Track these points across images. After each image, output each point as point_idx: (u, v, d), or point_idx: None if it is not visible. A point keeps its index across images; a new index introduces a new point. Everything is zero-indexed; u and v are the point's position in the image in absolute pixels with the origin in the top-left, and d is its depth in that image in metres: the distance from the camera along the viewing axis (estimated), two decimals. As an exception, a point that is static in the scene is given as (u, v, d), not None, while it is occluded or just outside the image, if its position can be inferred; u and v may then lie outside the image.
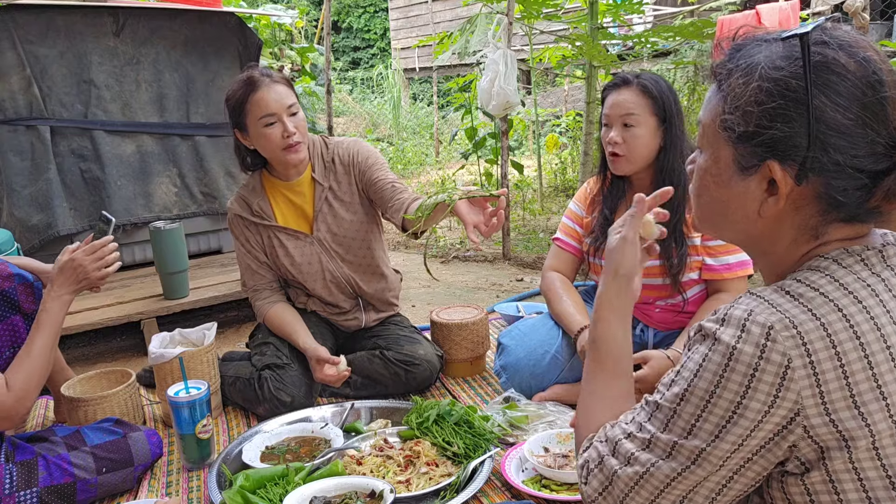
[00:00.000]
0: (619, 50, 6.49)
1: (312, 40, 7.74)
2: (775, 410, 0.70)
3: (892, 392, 0.69)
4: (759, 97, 0.75)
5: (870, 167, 0.73)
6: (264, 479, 1.64)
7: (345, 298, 2.28)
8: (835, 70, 0.72)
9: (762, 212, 0.79)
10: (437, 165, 8.14)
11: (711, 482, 0.75)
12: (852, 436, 0.69)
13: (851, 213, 0.76)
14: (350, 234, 2.20)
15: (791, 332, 0.70)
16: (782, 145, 0.74)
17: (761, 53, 0.76)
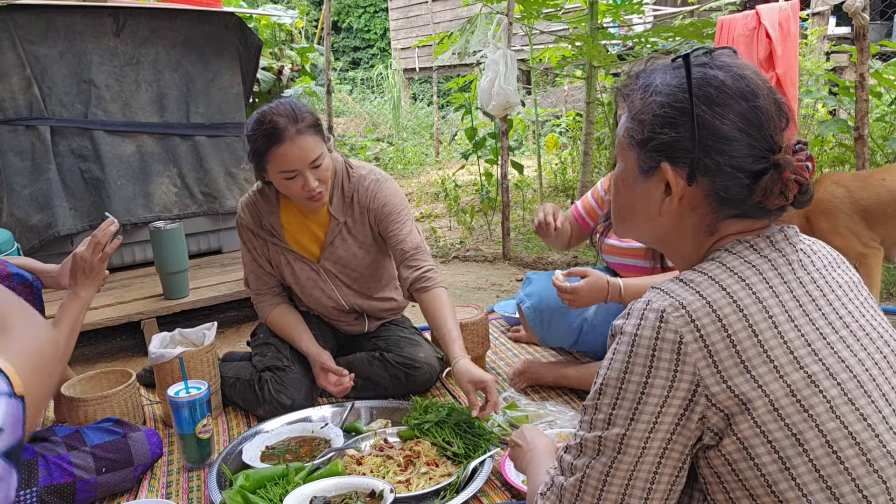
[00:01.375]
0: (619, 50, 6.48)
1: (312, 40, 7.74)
2: (678, 384, 0.78)
3: (778, 355, 0.77)
4: (653, 108, 0.87)
5: (749, 167, 0.84)
6: (264, 478, 1.64)
7: (349, 314, 2.27)
8: (713, 84, 0.84)
9: (662, 211, 0.90)
10: (437, 165, 8.14)
11: (642, 472, 0.81)
12: (749, 398, 0.77)
13: (740, 210, 0.86)
14: (360, 269, 2.16)
15: (680, 311, 0.79)
16: (672, 149, 0.86)
17: (657, 74, 0.90)
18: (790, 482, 0.76)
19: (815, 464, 0.76)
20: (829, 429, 0.76)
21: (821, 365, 0.78)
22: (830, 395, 0.77)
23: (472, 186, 6.34)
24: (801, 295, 0.83)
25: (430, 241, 4.89)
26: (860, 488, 0.75)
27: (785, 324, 0.80)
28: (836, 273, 0.90)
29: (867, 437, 0.77)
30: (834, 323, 0.83)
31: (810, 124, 4.46)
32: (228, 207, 3.50)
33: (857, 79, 2.97)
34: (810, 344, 0.79)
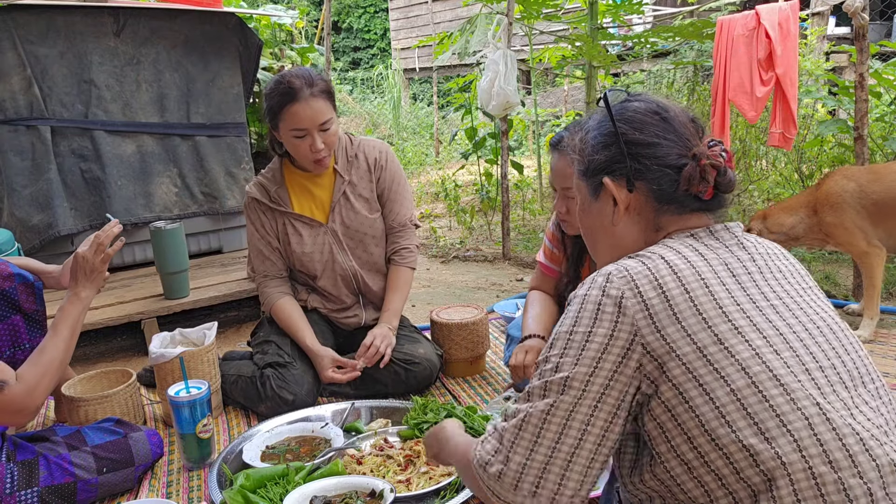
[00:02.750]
0: (619, 50, 6.49)
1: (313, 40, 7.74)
2: (618, 333, 0.90)
3: (707, 309, 0.89)
4: (588, 140, 1.08)
5: (674, 163, 1.01)
6: (265, 478, 1.64)
7: (347, 293, 2.30)
8: (631, 109, 1.05)
9: (614, 221, 1.06)
10: (437, 165, 8.15)
11: (580, 413, 0.90)
12: (679, 346, 0.88)
13: (677, 203, 1.02)
14: (363, 228, 2.24)
15: (623, 274, 0.93)
16: (609, 165, 1.05)
17: (589, 120, 1.11)
18: (720, 419, 0.85)
19: (743, 402, 0.85)
20: (754, 371, 0.86)
21: (747, 321, 0.89)
22: (756, 345, 0.87)
23: (472, 186, 6.34)
24: (737, 268, 0.95)
25: (430, 241, 4.90)
26: (784, 423, 0.83)
27: (716, 286, 0.92)
28: (779, 262, 1.01)
29: (790, 380, 0.86)
30: (766, 294, 0.94)
31: (810, 124, 4.46)
32: (229, 207, 3.51)
33: (856, 79, 2.97)
34: (739, 304, 0.90)
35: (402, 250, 2.29)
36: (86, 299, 1.70)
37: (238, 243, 3.65)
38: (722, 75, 3.13)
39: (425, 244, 4.84)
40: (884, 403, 0.91)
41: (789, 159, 4.56)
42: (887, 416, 0.90)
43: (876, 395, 0.91)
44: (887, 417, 0.89)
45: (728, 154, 1.01)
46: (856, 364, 0.93)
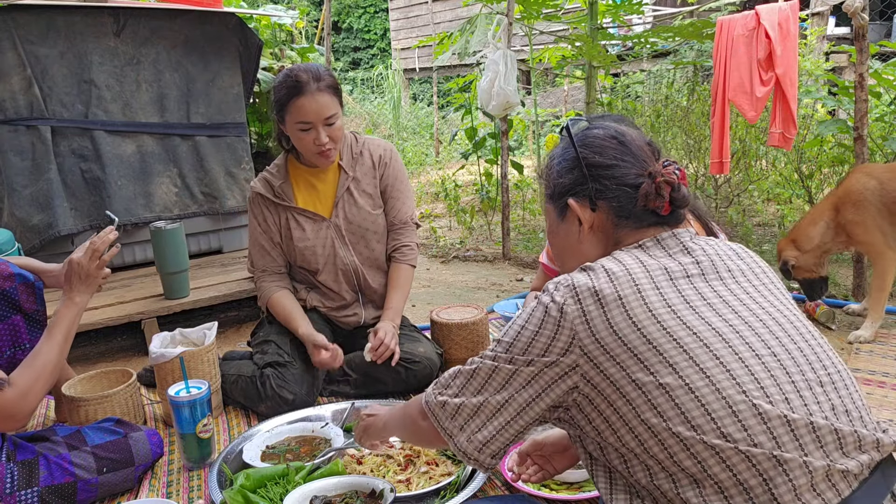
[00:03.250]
0: (619, 50, 6.49)
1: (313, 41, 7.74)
2: (559, 335, 1.02)
3: (637, 314, 0.98)
4: (553, 166, 1.19)
5: (632, 182, 1.11)
6: (265, 478, 1.64)
7: (348, 290, 2.30)
8: (591, 136, 1.15)
9: (580, 239, 1.16)
10: (437, 165, 8.15)
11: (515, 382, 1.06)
12: (611, 348, 0.98)
13: (635, 219, 1.11)
14: (365, 224, 2.26)
15: (568, 283, 1.04)
16: (572, 187, 1.15)
17: (556, 149, 1.21)
18: (653, 411, 0.96)
19: (671, 394, 0.95)
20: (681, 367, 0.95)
21: (677, 320, 0.98)
22: (684, 342, 0.96)
23: (472, 186, 6.34)
24: (676, 272, 1.04)
25: (430, 240, 4.90)
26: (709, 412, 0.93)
27: (649, 291, 1.00)
28: (729, 262, 1.09)
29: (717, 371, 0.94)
30: (704, 293, 1.02)
31: (810, 124, 4.46)
32: (229, 207, 3.51)
33: (856, 79, 2.97)
34: (670, 306, 0.99)
35: (403, 247, 2.31)
36: (80, 304, 1.70)
37: (238, 243, 3.66)
38: (722, 75, 3.13)
39: (425, 244, 4.84)
40: (835, 389, 0.98)
41: (789, 159, 4.56)
42: (835, 399, 0.97)
43: (828, 380, 0.98)
44: (834, 401, 0.96)
45: (681, 172, 1.11)
46: (804, 353, 0.99)
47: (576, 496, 1.60)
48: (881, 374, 2.37)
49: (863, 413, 0.99)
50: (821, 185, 4.37)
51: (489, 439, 1.08)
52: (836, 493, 0.91)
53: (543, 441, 1.56)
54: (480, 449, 1.09)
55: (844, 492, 0.91)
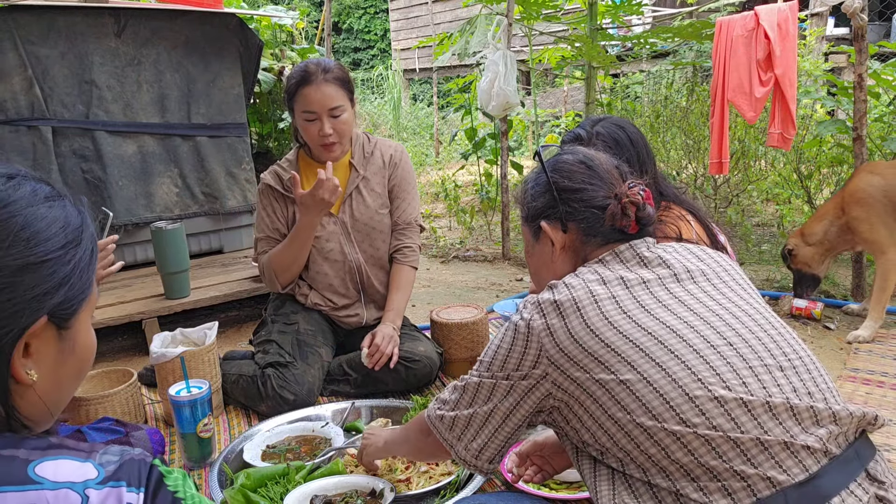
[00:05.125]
0: (619, 51, 6.50)
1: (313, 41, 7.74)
2: (528, 350, 1.10)
3: (594, 322, 1.06)
4: (528, 191, 1.27)
5: (599, 204, 1.18)
6: (265, 477, 1.65)
7: (350, 288, 2.31)
8: (561, 160, 1.24)
9: (553, 258, 1.23)
10: (437, 166, 8.15)
11: (496, 394, 1.14)
12: (575, 356, 1.06)
13: (602, 237, 1.18)
14: (372, 223, 2.27)
15: (534, 300, 1.12)
16: (544, 210, 1.23)
17: (530, 174, 1.30)
18: (621, 410, 1.03)
19: (632, 389, 1.02)
20: (639, 364, 1.02)
21: (633, 324, 1.05)
22: (641, 342, 1.03)
23: (472, 187, 6.35)
24: (632, 280, 1.11)
25: (431, 240, 4.90)
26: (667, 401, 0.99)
27: (606, 301, 1.08)
28: (689, 263, 1.16)
29: (673, 364, 1.01)
30: (660, 296, 1.09)
31: (809, 125, 4.47)
32: (229, 207, 3.52)
33: (855, 79, 2.98)
34: (626, 311, 1.06)
35: (405, 248, 2.32)
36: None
37: (239, 243, 3.66)
38: (721, 76, 3.14)
39: (425, 244, 4.85)
40: (796, 372, 1.03)
41: (788, 160, 4.56)
42: (796, 382, 1.02)
43: (788, 364, 1.04)
44: (796, 384, 1.02)
45: (646, 192, 1.18)
46: (762, 340, 1.05)
47: (575, 495, 1.61)
48: (880, 373, 2.38)
49: (827, 395, 1.03)
50: (820, 185, 4.38)
51: (483, 446, 1.18)
52: (802, 469, 0.94)
53: (543, 442, 1.57)
54: (477, 455, 1.19)
55: (812, 467, 0.95)
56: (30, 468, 0.60)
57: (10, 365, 0.65)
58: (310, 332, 2.26)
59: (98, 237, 1.72)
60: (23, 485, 0.59)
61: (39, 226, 0.67)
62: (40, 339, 0.68)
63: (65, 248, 0.69)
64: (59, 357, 0.70)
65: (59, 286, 0.68)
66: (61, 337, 0.70)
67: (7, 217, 0.65)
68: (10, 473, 0.59)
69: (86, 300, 0.72)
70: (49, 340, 0.69)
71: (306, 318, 2.29)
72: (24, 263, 0.65)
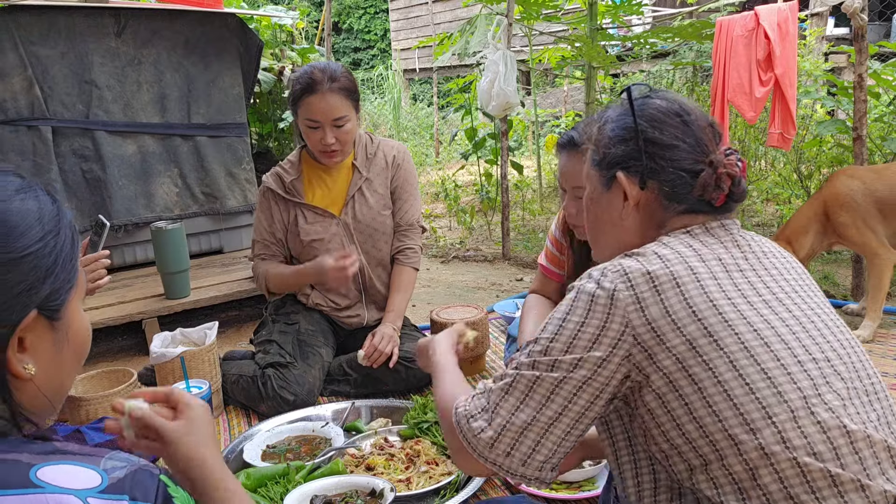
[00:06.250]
0: (619, 51, 6.50)
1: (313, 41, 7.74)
2: (609, 325, 0.92)
3: (698, 303, 0.91)
4: (607, 133, 1.08)
5: (689, 168, 1.02)
6: (265, 477, 1.65)
7: (352, 288, 2.31)
8: (653, 107, 1.05)
9: (623, 215, 1.07)
10: (437, 166, 8.15)
11: (565, 390, 0.94)
12: (668, 338, 0.90)
13: (686, 205, 1.03)
14: (374, 224, 2.27)
15: (616, 268, 0.95)
16: (625, 160, 1.05)
17: (609, 111, 1.11)
18: (707, 409, 0.88)
19: (730, 393, 0.88)
20: (742, 364, 0.88)
21: (738, 314, 0.91)
22: (745, 338, 0.89)
23: (472, 187, 6.34)
24: (730, 263, 0.97)
25: (431, 240, 4.91)
26: (769, 415, 0.86)
27: (707, 280, 0.93)
28: (774, 259, 1.03)
29: (778, 373, 0.88)
30: (759, 289, 0.96)
31: (809, 125, 4.47)
32: (229, 207, 3.52)
33: (855, 79, 2.98)
34: (729, 298, 0.92)
35: (407, 250, 2.32)
36: None
37: (238, 243, 3.66)
38: (721, 76, 3.14)
39: (425, 244, 4.85)
40: (878, 399, 0.93)
41: (788, 159, 4.57)
42: (879, 410, 0.92)
43: (872, 389, 0.94)
44: (879, 412, 0.92)
45: (742, 164, 1.04)
46: (851, 359, 0.94)
47: (576, 496, 1.61)
48: (881, 373, 2.38)
49: None
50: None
51: (549, 457, 0.96)
52: None
53: None
54: (540, 468, 0.96)
55: None
56: (31, 472, 0.59)
57: (7, 362, 0.65)
58: (310, 332, 2.26)
59: (95, 248, 1.70)
60: (24, 488, 0.58)
61: (14, 220, 0.65)
62: (34, 333, 0.67)
63: (43, 240, 0.67)
64: (55, 347, 0.70)
65: (43, 279, 0.67)
66: (54, 328, 0.70)
67: None
68: (11, 477, 0.59)
69: (73, 288, 0.71)
70: (42, 333, 0.68)
71: (307, 318, 2.29)
72: (6, 260, 0.63)
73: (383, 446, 1.82)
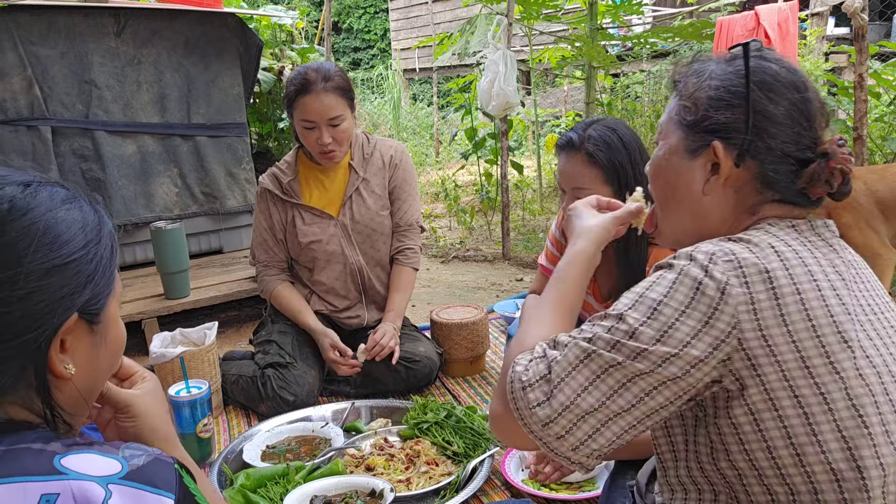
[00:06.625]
0: (619, 51, 6.49)
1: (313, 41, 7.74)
2: (714, 322, 0.78)
3: (818, 315, 0.79)
4: (708, 91, 0.91)
5: (797, 154, 0.88)
6: (265, 477, 1.65)
7: (352, 290, 2.31)
8: (769, 73, 0.89)
9: (706, 190, 0.92)
10: (437, 166, 8.15)
11: (644, 382, 0.80)
12: (780, 350, 0.78)
13: (784, 194, 0.89)
14: (372, 225, 2.26)
15: (729, 257, 0.81)
16: (725, 130, 0.89)
17: (714, 63, 0.94)
18: (811, 437, 0.77)
19: (839, 424, 0.77)
20: (856, 393, 0.78)
21: (854, 333, 0.80)
22: (860, 364, 0.79)
23: (472, 187, 6.34)
24: (844, 272, 0.85)
25: (431, 241, 4.90)
26: (878, 455, 0.77)
27: (827, 289, 0.81)
28: (864, 270, 0.92)
29: (888, 409, 0.80)
30: (863, 305, 0.85)
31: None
32: (229, 207, 3.52)
33: (855, 79, 2.98)
34: (850, 314, 0.81)
35: (407, 250, 2.31)
36: None
37: (238, 243, 3.66)
38: (721, 76, 3.13)
39: (425, 244, 4.85)
40: None
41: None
42: None
43: None
44: None
45: (853, 157, 0.94)
46: None
47: (576, 496, 1.61)
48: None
49: None
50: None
51: (603, 447, 0.84)
52: None
53: None
54: (590, 455, 0.85)
55: None
56: (56, 460, 0.63)
57: (49, 361, 0.69)
58: (310, 332, 2.26)
59: None
60: (47, 475, 0.61)
61: (60, 229, 0.70)
62: (74, 335, 0.71)
63: (86, 248, 0.72)
64: (93, 350, 0.74)
65: (85, 284, 0.71)
66: (93, 331, 0.74)
67: (28, 224, 0.68)
68: (37, 465, 0.62)
69: (111, 293, 0.76)
70: (82, 335, 0.72)
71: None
72: (51, 266, 0.68)
73: (383, 447, 1.82)
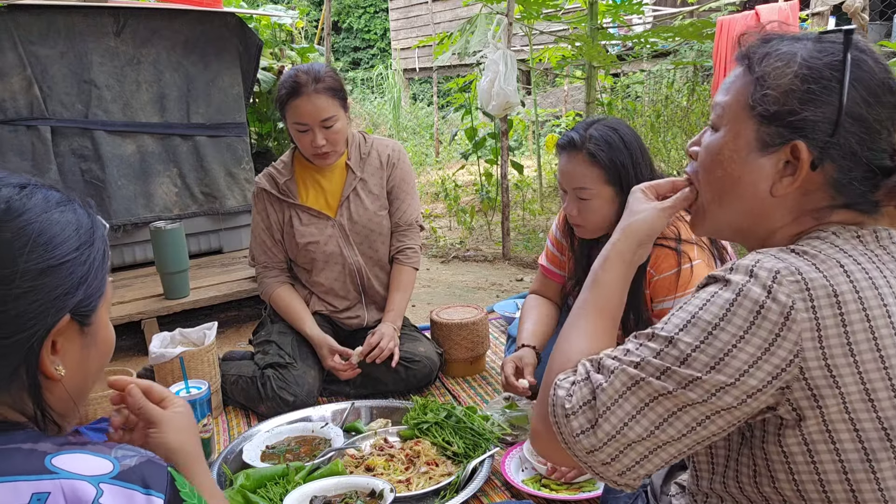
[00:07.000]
0: (619, 50, 6.49)
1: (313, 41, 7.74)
2: (775, 350, 0.72)
3: (887, 346, 0.73)
4: (795, 82, 0.79)
5: (881, 163, 0.79)
6: (265, 478, 1.64)
7: (350, 290, 2.30)
8: (864, 69, 0.79)
9: (774, 191, 0.82)
10: (437, 165, 8.15)
11: (695, 412, 0.75)
12: (845, 382, 0.72)
13: (853, 202, 0.81)
14: (370, 225, 2.26)
15: (796, 277, 0.73)
16: (809, 129, 0.79)
17: (798, 44, 0.82)
18: (869, 474, 0.73)
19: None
20: None
21: None
22: None
23: (472, 186, 6.34)
24: None
25: (430, 240, 4.90)
26: None
27: (893, 305, 0.74)
28: None
29: None
30: None
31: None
32: (229, 207, 3.51)
33: (856, 79, 2.98)
34: None
35: (407, 249, 2.31)
36: None
37: (238, 243, 3.66)
38: (722, 75, 3.14)
39: (425, 244, 4.84)
40: None
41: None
42: None
43: None
44: None
45: None
46: None
47: (576, 496, 1.60)
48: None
49: None
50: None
51: (650, 471, 0.80)
52: None
53: None
54: (636, 479, 0.80)
55: None
56: (47, 459, 0.63)
57: (41, 362, 0.70)
58: (310, 332, 2.26)
59: None
60: (38, 474, 0.61)
61: (55, 230, 0.72)
62: (65, 336, 0.72)
63: (80, 250, 0.73)
64: (84, 352, 0.76)
65: (78, 285, 0.72)
66: (84, 333, 0.75)
67: (24, 225, 0.70)
68: (28, 464, 0.62)
69: (102, 296, 0.77)
70: (73, 337, 0.74)
71: (307, 317, 2.29)
72: (45, 266, 0.69)
73: (383, 447, 1.82)
